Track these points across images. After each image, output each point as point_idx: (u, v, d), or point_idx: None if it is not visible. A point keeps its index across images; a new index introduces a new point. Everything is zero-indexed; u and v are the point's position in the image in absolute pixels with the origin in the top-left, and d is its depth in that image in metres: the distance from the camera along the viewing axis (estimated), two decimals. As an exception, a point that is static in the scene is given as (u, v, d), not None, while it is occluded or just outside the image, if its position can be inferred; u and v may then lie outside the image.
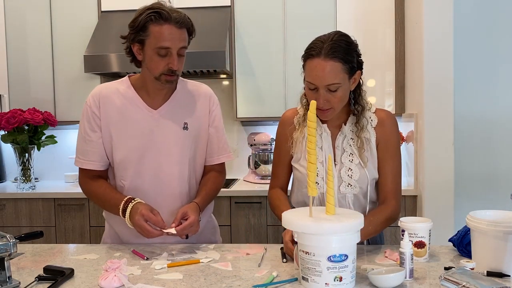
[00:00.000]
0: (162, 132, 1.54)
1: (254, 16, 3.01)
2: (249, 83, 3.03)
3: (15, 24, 3.15)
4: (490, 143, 3.02)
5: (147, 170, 1.54)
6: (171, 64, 1.45)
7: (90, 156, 1.56)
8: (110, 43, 2.95)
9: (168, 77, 1.48)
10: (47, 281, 1.19)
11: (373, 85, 2.99)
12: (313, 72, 1.36)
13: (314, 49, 1.36)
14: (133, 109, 1.54)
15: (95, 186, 1.56)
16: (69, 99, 3.14)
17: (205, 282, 1.18)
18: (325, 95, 1.37)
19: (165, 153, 1.55)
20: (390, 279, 1.11)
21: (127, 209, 1.44)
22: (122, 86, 1.57)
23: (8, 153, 3.41)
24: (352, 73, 1.39)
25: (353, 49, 1.38)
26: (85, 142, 1.56)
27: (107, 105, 1.54)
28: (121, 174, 1.56)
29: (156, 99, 1.56)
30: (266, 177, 3.05)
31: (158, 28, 1.43)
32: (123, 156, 1.54)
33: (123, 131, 1.53)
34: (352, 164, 1.47)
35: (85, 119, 1.56)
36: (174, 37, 1.44)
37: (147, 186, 1.55)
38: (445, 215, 2.58)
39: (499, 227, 1.16)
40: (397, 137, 1.52)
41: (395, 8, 2.95)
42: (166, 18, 1.43)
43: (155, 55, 1.45)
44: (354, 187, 1.47)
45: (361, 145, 1.46)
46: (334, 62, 1.33)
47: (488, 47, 3.00)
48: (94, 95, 1.56)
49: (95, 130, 1.54)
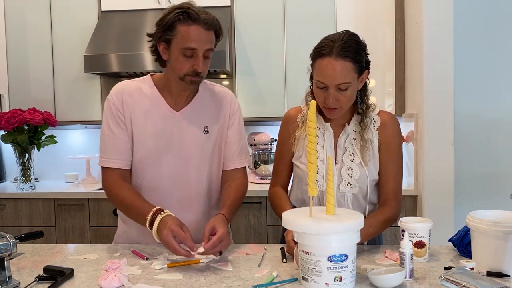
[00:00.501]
0: (182, 135, 1.53)
1: (254, 16, 3.01)
2: (249, 83, 3.03)
3: (15, 24, 3.15)
4: (490, 143, 3.02)
5: (165, 171, 1.53)
6: (196, 65, 1.43)
7: (115, 154, 1.51)
8: (110, 43, 2.95)
9: (192, 78, 1.45)
10: (47, 281, 1.19)
11: (373, 85, 2.96)
12: (324, 71, 1.36)
13: (325, 48, 1.37)
14: (155, 109, 1.52)
15: (121, 191, 1.49)
16: (69, 99, 3.14)
17: (205, 282, 1.18)
18: (334, 94, 1.37)
19: (184, 155, 1.53)
20: (390, 279, 1.11)
21: (155, 221, 1.36)
22: (145, 85, 1.55)
23: (8, 153, 3.41)
24: (361, 73, 1.40)
25: (362, 48, 1.40)
26: (110, 140, 1.51)
27: (130, 103, 1.51)
28: (138, 174, 1.55)
29: (178, 100, 1.54)
30: (266, 177, 3.05)
31: (185, 28, 1.40)
32: (141, 156, 1.52)
33: (143, 131, 1.51)
34: (353, 164, 1.47)
35: (109, 116, 1.52)
36: (201, 38, 1.41)
37: (163, 188, 1.53)
38: (445, 215, 2.58)
39: (499, 227, 1.16)
40: (399, 139, 1.53)
41: (395, 8, 2.95)
42: (194, 19, 1.40)
43: (181, 56, 1.42)
44: (354, 186, 1.47)
45: (363, 144, 1.47)
46: (345, 62, 1.34)
47: (488, 47, 3.00)
48: (116, 92, 1.53)
49: (121, 127, 1.51)
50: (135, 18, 3.05)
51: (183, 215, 1.50)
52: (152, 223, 1.36)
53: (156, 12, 3.05)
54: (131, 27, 3.01)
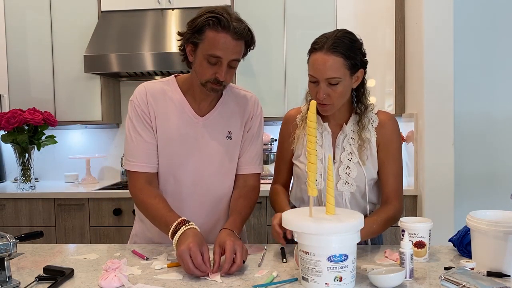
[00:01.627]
0: (205, 141, 1.50)
1: (254, 16, 3.00)
2: (249, 83, 3.03)
3: (15, 24, 3.15)
4: (490, 143, 3.02)
5: (187, 177, 1.50)
6: (219, 74, 1.38)
7: (144, 158, 1.47)
8: (110, 43, 2.95)
9: (214, 85, 1.40)
10: (47, 281, 1.19)
11: (373, 85, 2.99)
12: (314, 65, 1.39)
13: (317, 43, 1.40)
14: (179, 114, 1.48)
15: (148, 198, 1.44)
16: (69, 99, 3.14)
17: (205, 282, 1.18)
18: (325, 88, 1.39)
19: (207, 162, 1.50)
20: (390, 279, 1.11)
21: (177, 232, 1.30)
22: (169, 87, 1.50)
23: (8, 153, 3.41)
24: (354, 71, 1.41)
25: (356, 46, 1.41)
26: (137, 143, 1.47)
27: (154, 105, 1.47)
28: (159, 177, 1.51)
29: (202, 104, 1.50)
30: (266, 177, 3.04)
31: (213, 34, 1.35)
32: (163, 160, 1.49)
33: (167, 134, 1.48)
34: (351, 163, 1.48)
35: (134, 118, 1.47)
36: (228, 47, 1.36)
37: (185, 193, 1.51)
38: (445, 215, 2.58)
39: (499, 227, 1.16)
40: (398, 139, 1.53)
41: (395, 8, 2.95)
42: (224, 26, 1.34)
43: (205, 61, 1.37)
44: (352, 185, 1.47)
45: (361, 143, 1.47)
46: (335, 57, 1.36)
47: (488, 47, 3.00)
48: (140, 94, 1.48)
49: (148, 129, 1.47)
50: (135, 18, 3.05)
51: (205, 220, 1.51)
52: (175, 233, 1.31)
53: (156, 12, 3.05)
54: (131, 27, 3.01)
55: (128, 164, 1.49)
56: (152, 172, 1.49)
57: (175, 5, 3.03)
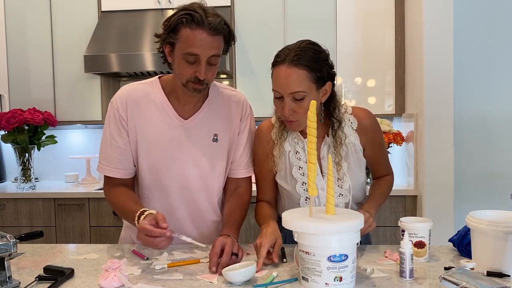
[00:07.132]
0: (191, 144, 1.46)
1: (254, 16, 3.01)
2: (249, 83, 3.03)
3: (15, 24, 3.15)
4: (490, 143, 3.02)
5: (173, 182, 1.47)
6: (198, 72, 1.33)
7: (115, 163, 1.46)
8: (110, 43, 2.95)
9: (195, 85, 1.36)
10: (47, 281, 1.19)
11: (373, 85, 2.99)
12: (277, 79, 1.33)
13: (280, 56, 1.34)
14: (162, 117, 1.44)
15: (115, 195, 1.46)
16: (69, 99, 3.14)
17: (205, 282, 1.18)
18: (290, 104, 1.33)
19: (193, 165, 1.47)
20: (240, 274, 1.14)
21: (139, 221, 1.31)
22: (152, 89, 1.46)
23: (8, 153, 3.41)
24: (321, 84, 1.35)
25: (322, 58, 1.34)
26: (111, 148, 1.46)
27: (135, 109, 1.44)
28: (145, 184, 1.49)
29: (187, 107, 1.46)
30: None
31: (188, 32, 1.30)
32: (148, 165, 1.46)
33: (149, 139, 1.44)
34: (340, 173, 1.45)
35: (112, 122, 1.45)
36: (205, 44, 1.31)
37: (173, 199, 1.49)
38: (445, 215, 2.58)
39: (499, 227, 1.16)
40: (380, 132, 1.54)
41: (395, 8, 2.95)
42: (198, 22, 1.29)
43: (183, 61, 1.33)
44: (345, 196, 1.47)
45: (343, 154, 1.45)
46: (298, 70, 1.30)
47: (488, 47, 3.00)
48: (121, 97, 1.45)
49: (123, 136, 1.45)
50: (135, 18, 3.05)
51: (194, 226, 1.50)
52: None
53: (156, 12, 3.05)
54: (131, 27, 3.01)
55: (100, 167, 1.50)
56: (122, 178, 1.48)
57: (175, 5, 3.03)
